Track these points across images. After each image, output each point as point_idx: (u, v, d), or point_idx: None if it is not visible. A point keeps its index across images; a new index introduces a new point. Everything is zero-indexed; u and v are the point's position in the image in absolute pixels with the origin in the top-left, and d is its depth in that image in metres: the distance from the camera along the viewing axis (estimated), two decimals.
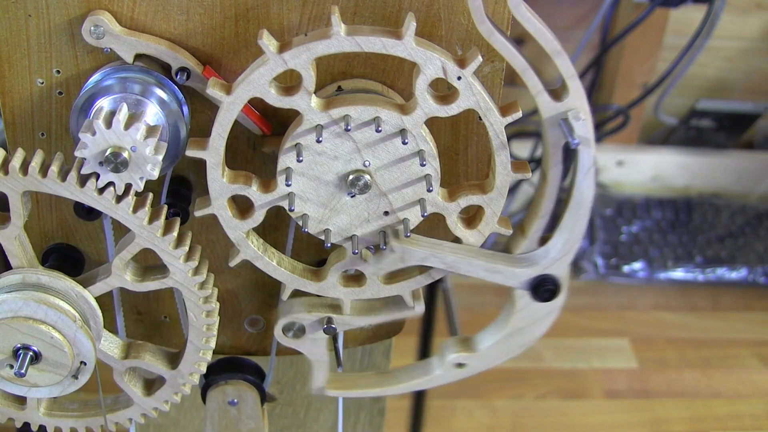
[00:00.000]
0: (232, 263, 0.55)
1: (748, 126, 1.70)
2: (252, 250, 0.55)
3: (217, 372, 0.66)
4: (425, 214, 0.53)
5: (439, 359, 0.61)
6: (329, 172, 0.52)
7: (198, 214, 0.53)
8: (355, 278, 0.57)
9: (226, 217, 0.53)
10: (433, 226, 0.58)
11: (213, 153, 0.51)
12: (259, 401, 0.67)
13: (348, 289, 0.57)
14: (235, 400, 0.66)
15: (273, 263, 0.56)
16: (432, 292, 1.14)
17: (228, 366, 0.67)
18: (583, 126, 0.50)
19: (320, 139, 0.50)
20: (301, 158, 0.51)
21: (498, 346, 0.59)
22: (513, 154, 0.59)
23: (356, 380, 0.63)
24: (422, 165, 0.51)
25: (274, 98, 0.49)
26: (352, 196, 0.53)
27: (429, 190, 0.52)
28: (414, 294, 0.58)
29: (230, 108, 0.50)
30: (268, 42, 0.48)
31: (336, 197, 0.53)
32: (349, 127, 0.49)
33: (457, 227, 0.55)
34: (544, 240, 0.55)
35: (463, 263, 0.54)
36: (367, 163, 0.51)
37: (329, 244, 0.54)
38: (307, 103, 0.49)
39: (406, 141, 0.50)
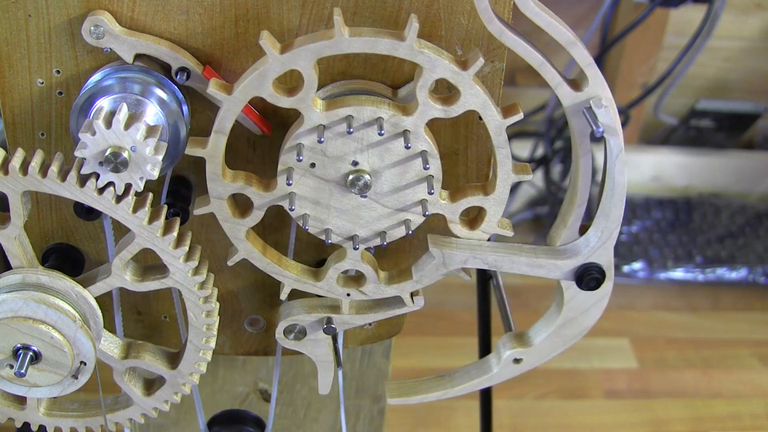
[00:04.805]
0: (231, 262, 0.55)
1: (748, 126, 1.69)
2: (251, 249, 0.55)
3: (221, 423, 0.70)
4: (426, 213, 0.53)
5: (496, 357, 0.61)
6: (330, 172, 0.52)
7: (197, 212, 0.53)
8: (355, 279, 0.57)
9: (224, 216, 0.53)
10: (434, 228, 0.58)
11: (213, 152, 0.51)
12: None
13: (348, 289, 0.57)
14: None
15: (272, 263, 0.56)
16: (484, 289, 1.13)
17: (232, 418, 0.71)
18: (606, 113, 0.50)
19: (321, 139, 0.50)
20: (301, 158, 0.50)
21: (552, 339, 0.59)
22: (513, 155, 0.59)
23: (415, 386, 0.63)
24: (425, 167, 0.51)
25: (276, 99, 0.49)
26: (352, 196, 0.53)
27: (430, 192, 0.52)
28: (412, 292, 0.58)
29: (231, 108, 0.50)
30: (269, 43, 0.48)
31: (336, 197, 0.53)
32: (351, 129, 0.49)
33: (458, 229, 0.55)
34: (583, 228, 0.55)
35: (506, 261, 0.54)
36: (367, 163, 0.51)
37: (330, 241, 0.54)
38: (308, 104, 0.49)
39: (408, 142, 0.50)
